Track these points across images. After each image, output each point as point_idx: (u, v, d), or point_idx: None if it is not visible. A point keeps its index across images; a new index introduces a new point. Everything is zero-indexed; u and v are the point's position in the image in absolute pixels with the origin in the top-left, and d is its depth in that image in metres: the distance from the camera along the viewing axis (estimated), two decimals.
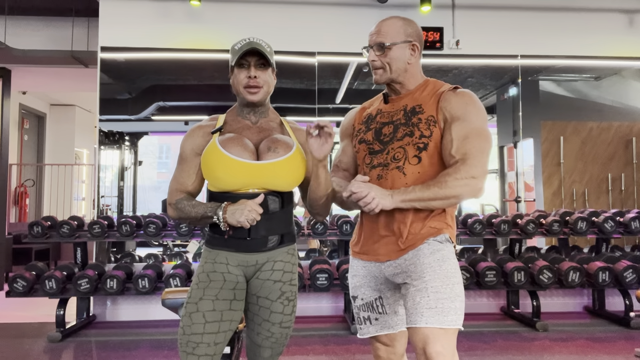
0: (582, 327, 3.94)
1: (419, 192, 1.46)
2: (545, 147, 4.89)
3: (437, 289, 1.44)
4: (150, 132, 4.98)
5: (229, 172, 1.53)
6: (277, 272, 1.58)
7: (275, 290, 1.57)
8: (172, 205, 1.61)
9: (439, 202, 1.47)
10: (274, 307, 1.57)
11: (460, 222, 4.10)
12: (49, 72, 5.82)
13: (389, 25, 1.62)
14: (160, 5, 4.60)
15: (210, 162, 1.55)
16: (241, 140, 1.57)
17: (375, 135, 1.64)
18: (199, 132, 1.62)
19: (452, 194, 1.45)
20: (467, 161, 1.46)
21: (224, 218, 1.49)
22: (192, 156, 1.61)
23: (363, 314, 1.66)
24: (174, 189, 1.63)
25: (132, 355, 3.32)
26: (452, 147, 1.50)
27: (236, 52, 1.58)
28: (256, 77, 1.57)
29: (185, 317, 1.52)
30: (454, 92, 1.58)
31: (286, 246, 1.62)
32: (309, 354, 3.31)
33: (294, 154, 1.57)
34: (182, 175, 1.63)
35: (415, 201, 1.47)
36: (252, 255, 1.56)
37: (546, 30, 4.83)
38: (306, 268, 4.03)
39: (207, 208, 1.54)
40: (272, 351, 1.61)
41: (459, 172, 1.45)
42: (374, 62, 1.62)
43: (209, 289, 1.53)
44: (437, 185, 1.45)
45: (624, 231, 4.09)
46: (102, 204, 4.63)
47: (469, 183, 1.45)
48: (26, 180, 7.59)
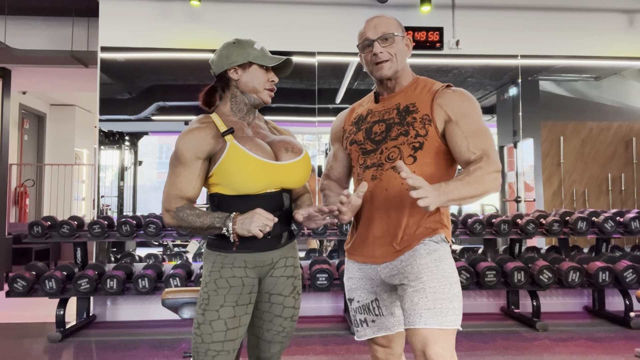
0: (582, 327, 3.94)
1: (462, 190, 1.39)
2: (545, 147, 4.89)
3: (435, 290, 1.43)
4: (150, 132, 4.97)
5: (256, 175, 1.51)
6: (289, 268, 1.63)
7: (289, 285, 1.61)
8: (171, 212, 1.52)
9: (475, 198, 1.44)
10: (287, 302, 1.60)
11: (460, 222, 4.10)
12: (49, 72, 5.82)
13: (387, 19, 1.62)
14: (160, 5, 4.60)
15: (235, 166, 1.50)
16: (257, 142, 1.58)
17: (366, 135, 1.62)
18: (202, 135, 1.53)
19: (487, 189, 1.44)
20: (490, 156, 1.46)
21: (234, 229, 1.46)
22: (193, 160, 1.52)
23: (360, 317, 1.66)
24: (172, 195, 1.53)
25: (132, 355, 3.31)
26: (467, 143, 1.48)
27: (259, 52, 1.60)
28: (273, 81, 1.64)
29: (205, 324, 1.48)
30: (450, 90, 1.57)
31: (292, 241, 1.67)
32: (309, 354, 3.31)
33: (306, 154, 1.64)
34: (180, 180, 1.53)
35: (457, 200, 1.41)
36: (268, 253, 1.58)
37: (546, 30, 4.83)
38: (306, 268, 4.03)
39: (215, 219, 1.48)
40: (282, 346, 1.64)
41: (489, 166, 1.44)
42: (381, 54, 1.57)
43: (230, 295, 1.51)
44: (476, 182, 1.41)
45: (624, 231, 4.09)
46: (102, 204, 4.63)
47: (497, 177, 1.45)
48: (26, 180, 7.59)
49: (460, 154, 1.50)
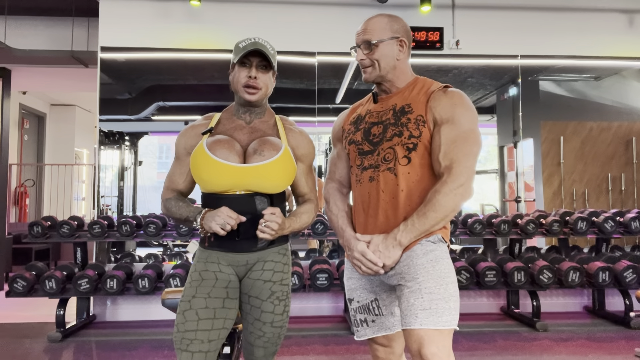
0: (582, 327, 3.94)
1: (419, 225, 1.45)
2: (545, 147, 4.89)
3: (430, 290, 1.44)
4: (150, 132, 4.98)
5: (214, 175, 1.54)
6: (267, 272, 1.59)
7: (266, 289, 1.58)
8: (163, 202, 1.67)
9: (442, 222, 1.48)
10: (264, 306, 1.58)
11: (460, 222, 4.10)
12: (49, 72, 5.82)
13: (375, 23, 1.61)
14: (160, 5, 4.60)
15: (197, 164, 1.57)
16: (229, 143, 1.57)
17: (365, 136, 1.62)
18: (192, 132, 1.65)
19: (449, 210, 1.45)
20: (452, 170, 1.45)
21: (202, 224, 1.52)
22: (184, 155, 1.65)
23: (359, 316, 1.66)
24: (166, 187, 1.69)
25: (132, 355, 3.31)
26: (439, 152, 1.49)
27: (240, 50, 1.58)
28: (256, 78, 1.57)
29: (179, 314, 1.53)
30: (443, 92, 1.55)
31: (277, 246, 1.62)
32: (309, 354, 3.31)
33: (280, 158, 1.56)
34: (174, 173, 1.67)
35: (422, 234, 1.47)
36: (242, 255, 1.58)
37: (546, 30, 4.83)
38: (306, 268, 4.03)
39: (190, 212, 1.57)
40: (265, 351, 1.61)
41: (446, 185, 1.44)
42: (363, 61, 1.61)
43: (202, 287, 1.55)
44: (432, 210, 1.44)
45: (624, 231, 4.09)
46: (102, 204, 4.63)
47: (458, 193, 1.45)
48: (26, 180, 7.59)
49: (433, 162, 1.52)
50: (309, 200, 1.72)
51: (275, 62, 1.63)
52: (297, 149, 1.66)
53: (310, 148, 1.71)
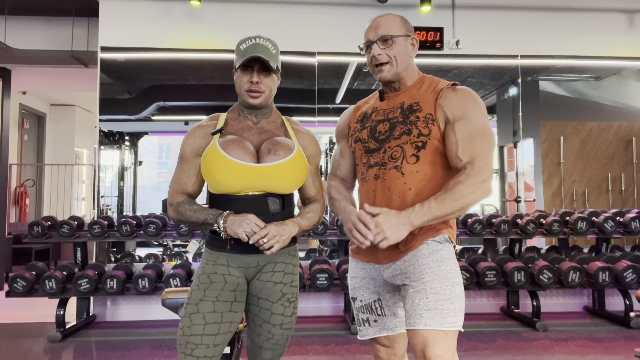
0: (582, 327, 3.94)
1: (436, 209, 1.41)
2: (545, 147, 4.89)
3: (436, 290, 1.42)
4: (150, 132, 4.98)
5: (229, 175, 1.51)
6: (278, 274, 1.58)
7: (276, 291, 1.57)
8: (173, 207, 1.60)
9: (457, 213, 1.44)
10: (274, 308, 1.56)
11: (460, 222, 4.10)
12: (49, 72, 5.82)
13: (389, 20, 1.59)
14: (160, 5, 4.60)
15: (210, 164, 1.52)
16: (242, 142, 1.55)
17: (370, 133, 1.61)
18: (200, 133, 1.59)
19: (468, 202, 1.43)
20: (475, 165, 1.44)
21: (224, 227, 1.49)
22: (192, 157, 1.59)
23: (362, 316, 1.65)
24: (174, 190, 1.61)
25: (132, 355, 3.31)
26: (457, 148, 1.47)
27: (241, 53, 1.55)
28: (258, 83, 1.55)
29: (185, 318, 1.50)
30: (453, 89, 1.54)
31: (287, 247, 1.61)
32: (309, 354, 3.31)
33: (294, 157, 1.55)
34: (182, 176, 1.61)
35: (434, 220, 1.43)
36: (253, 256, 1.55)
37: (546, 30, 4.83)
38: (306, 268, 4.03)
39: (209, 215, 1.53)
40: (273, 353, 1.60)
41: (470, 178, 1.42)
42: (380, 57, 1.56)
43: (210, 290, 1.52)
44: (452, 198, 1.41)
45: (624, 231, 4.09)
46: (102, 204, 4.63)
47: (480, 187, 1.43)
48: (26, 180, 7.59)
49: (451, 159, 1.50)
50: (317, 200, 1.72)
51: (279, 61, 1.60)
52: (305, 150, 1.65)
53: (317, 149, 1.71)
